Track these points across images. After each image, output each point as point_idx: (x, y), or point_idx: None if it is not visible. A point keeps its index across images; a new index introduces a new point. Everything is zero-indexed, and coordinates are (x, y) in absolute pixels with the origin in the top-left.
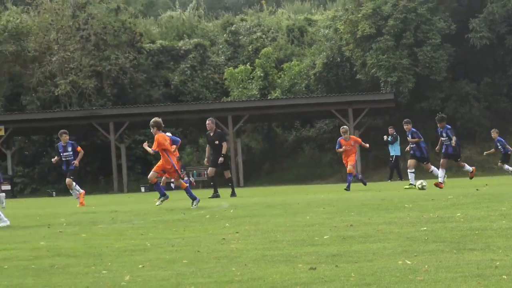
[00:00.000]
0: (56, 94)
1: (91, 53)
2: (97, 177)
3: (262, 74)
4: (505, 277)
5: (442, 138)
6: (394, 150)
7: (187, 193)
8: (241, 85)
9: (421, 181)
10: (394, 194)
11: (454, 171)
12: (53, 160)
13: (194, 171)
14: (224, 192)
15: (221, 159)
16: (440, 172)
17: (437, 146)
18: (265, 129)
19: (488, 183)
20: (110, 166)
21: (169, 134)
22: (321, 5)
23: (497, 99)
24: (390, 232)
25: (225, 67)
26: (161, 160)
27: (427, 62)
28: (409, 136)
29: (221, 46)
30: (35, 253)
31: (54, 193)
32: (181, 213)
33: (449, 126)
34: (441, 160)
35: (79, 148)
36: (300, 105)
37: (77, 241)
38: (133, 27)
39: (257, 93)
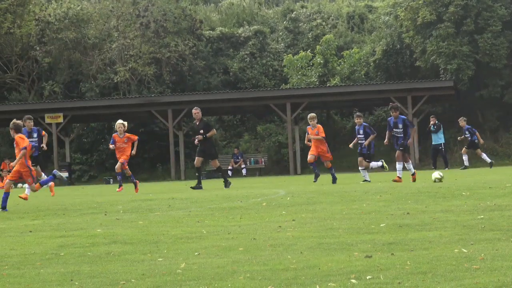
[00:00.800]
0: (115, 81)
1: (150, 40)
2: (155, 164)
3: (322, 61)
4: None
5: (396, 130)
6: (440, 138)
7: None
8: (300, 72)
9: (438, 172)
10: (452, 182)
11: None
12: (110, 146)
13: (252, 159)
14: (212, 183)
15: (198, 136)
16: (397, 166)
17: (386, 140)
18: (323, 116)
19: None
20: (168, 153)
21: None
22: None
23: None
24: (446, 220)
25: (285, 54)
26: (17, 165)
27: (488, 49)
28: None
29: (280, 33)
30: (92, 240)
31: (111, 180)
32: (237, 200)
33: (404, 117)
34: (397, 153)
35: (43, 133)
36: (358, 92)
37: (134, 228)
38: (193, 14)
39: (316, 80)
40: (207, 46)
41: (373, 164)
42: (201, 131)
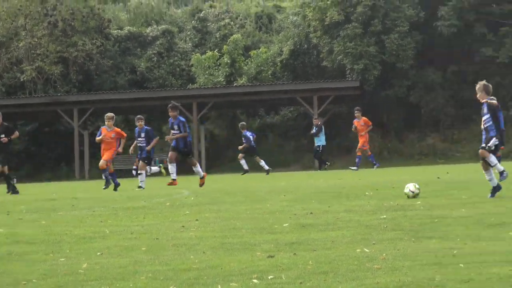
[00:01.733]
0: (22, 80)
1: (58, 39)
2: (59, 163)
3: (229, 61)
4: (462, 265)
5: (173, 131)
6: (320, 140)
7: None
8: (207, 72)
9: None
10: (356, 182)
11: (416, 158)
12: (97, 139)
13: (157, 158)
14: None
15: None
16: (171, 168)
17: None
18: (229, 116)
19: (450, 171)
20: (72, 152)
21: None
22: None
23: (462, 87)
24: (349, 220)
25: (192, 53)
26: None
27: (394, 50)
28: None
29: (188, 33)
30: None
31: (15, 178)
32: (141, 200)
33: (182, 119)
34: (169, 153)
35: None
36: (265, 92)
37: (36, 228)
38: (102, 13)
39: (223, 80)
40: (115, 45)
41: (154, 168)
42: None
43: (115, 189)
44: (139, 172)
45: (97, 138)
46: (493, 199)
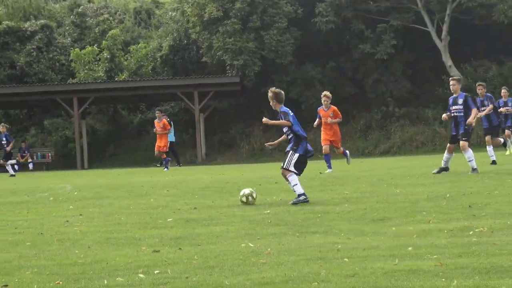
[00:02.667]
0: None
1: None
2: None
3: (108, 56)
4: (347, 259)
5: None
6: (170, 137)
7: None
8: (87, 67)
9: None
10: (239, 177)
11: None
12: None
13: (39, 153)
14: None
15: None
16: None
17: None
18: (110, 111)
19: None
20: None
21: None
22: None
23: (341, 82)
24: (233, 215)
25: (72, 48)
26: None
27: (273, 46)
28: None
29: (67, 28)
30: None
31: None
32: (24, 195)
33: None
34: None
35: None
36: (146, 87)
37: None
38: None
39: (103, 75)
40: None
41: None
42: None
43: None
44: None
45: None
46: (376, 195)
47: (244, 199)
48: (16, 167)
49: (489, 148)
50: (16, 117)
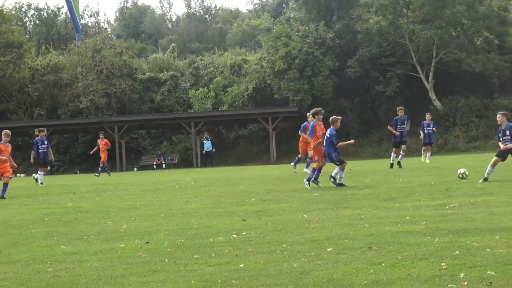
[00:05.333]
0: (80, 107)
1: (103, 81)
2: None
3: (214, 95)
4: (367, 225)
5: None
6: (208, 147)
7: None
8: (200, 102)
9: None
10: (297, 173)
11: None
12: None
13: (169, 157)
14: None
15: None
16: None
17: None
18: (215, 130)
19: (358, 165)
20: (114, 153)
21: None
22: (252, 50)
23: (364, 111)
24: (294, 196)
25: (190, 90)
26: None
27: (320, 87)
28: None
29: (187, 77)
30: (65, 210)
31: (78, 171)
32: (160, 184)
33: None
34: None
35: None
36: (238, 114)
37: (93, 202)
38: (131, 64)
39: (210, 107)
40: (140, 84)
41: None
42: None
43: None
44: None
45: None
46: (385, 183)
47: (460, 176)
48: (154, 167)
49: None
50: (155, 134)
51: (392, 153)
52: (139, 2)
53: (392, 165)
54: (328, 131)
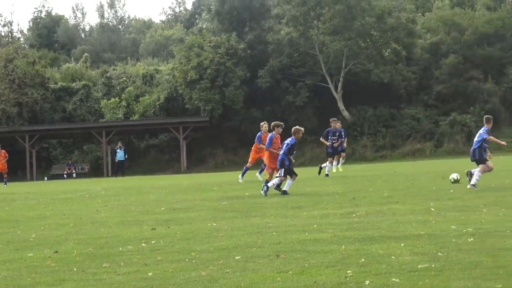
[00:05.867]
0: None
1: (15, 90)
2: (16, 171)
3: (125, 104)
4: (275, 233)
5: None
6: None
7: None
8: (112, 111)
9: (456, 174)
10: (208, 181)
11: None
12: None
13: (80, 166)
14: None
15: None
16: None
17: None
18: (126, 139)
19: None
20: (25, 163)
21: None
22: (165, 60)
23: (274, 120)
24: (203, 206)
25: (102, 99)
26: None
27: (231, 97)
28: None
29: (100, 86)
30: None
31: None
32: (70, 193)
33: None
34: None
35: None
36: (150, 124)
37: (2, 211)
38: (44, 73)
39: (122, 116)
40: (52, 94)
41: None
42: None
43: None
44: None
45: None
46: (293, 192)
47: (452, 180)
48: (65, 176)
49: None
50: (66, 144)
51: (327, 163)
52: (52, 12)
53: (327, 175)
54: (290, 140)
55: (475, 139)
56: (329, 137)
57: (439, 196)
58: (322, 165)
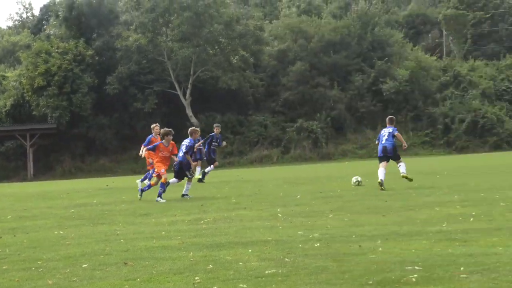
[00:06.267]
0: None
1: None
2: None
3: None
4: (123, 240)
5: None
6: None
7: None
8: None
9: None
10: (56, 189)
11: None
12: None
13: None
14: None
15: None
16: None
17: None
18: None
19: (115, 181)
20: None
21: None
22: (12, 66)
23: (122, 127)
24: (50, 214)
25: None
26: None
27: (78, 104)
28: None
29: None
30: None
31: None
32: None
33: None
34: None
35: None
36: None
37: None
38: None
39: None
40: None
41: None
42: None
43: None
44: None
45: None
46: (141, 200)
47: (355, 183)
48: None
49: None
50: None
51: (211, 167)
52: None
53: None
54: (188, 141)
55: (385, 137)
56: (213, 143)
57: (286, 202)
58: (206, 170)
